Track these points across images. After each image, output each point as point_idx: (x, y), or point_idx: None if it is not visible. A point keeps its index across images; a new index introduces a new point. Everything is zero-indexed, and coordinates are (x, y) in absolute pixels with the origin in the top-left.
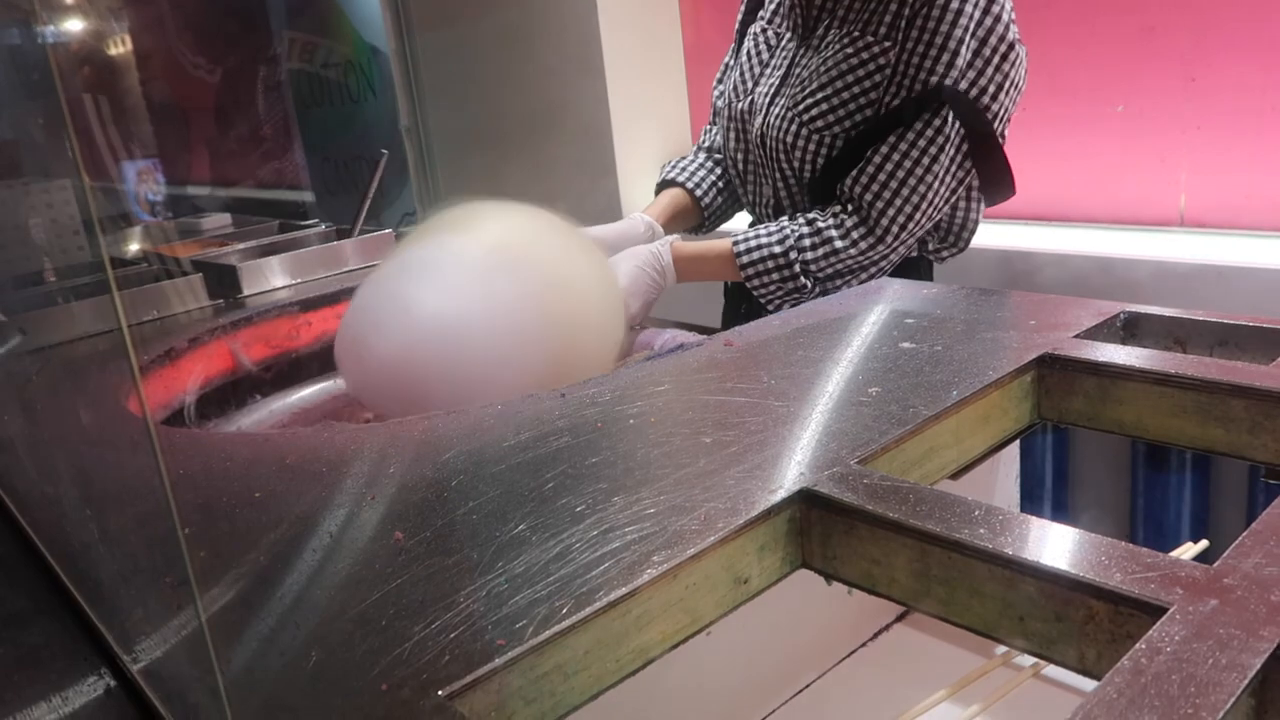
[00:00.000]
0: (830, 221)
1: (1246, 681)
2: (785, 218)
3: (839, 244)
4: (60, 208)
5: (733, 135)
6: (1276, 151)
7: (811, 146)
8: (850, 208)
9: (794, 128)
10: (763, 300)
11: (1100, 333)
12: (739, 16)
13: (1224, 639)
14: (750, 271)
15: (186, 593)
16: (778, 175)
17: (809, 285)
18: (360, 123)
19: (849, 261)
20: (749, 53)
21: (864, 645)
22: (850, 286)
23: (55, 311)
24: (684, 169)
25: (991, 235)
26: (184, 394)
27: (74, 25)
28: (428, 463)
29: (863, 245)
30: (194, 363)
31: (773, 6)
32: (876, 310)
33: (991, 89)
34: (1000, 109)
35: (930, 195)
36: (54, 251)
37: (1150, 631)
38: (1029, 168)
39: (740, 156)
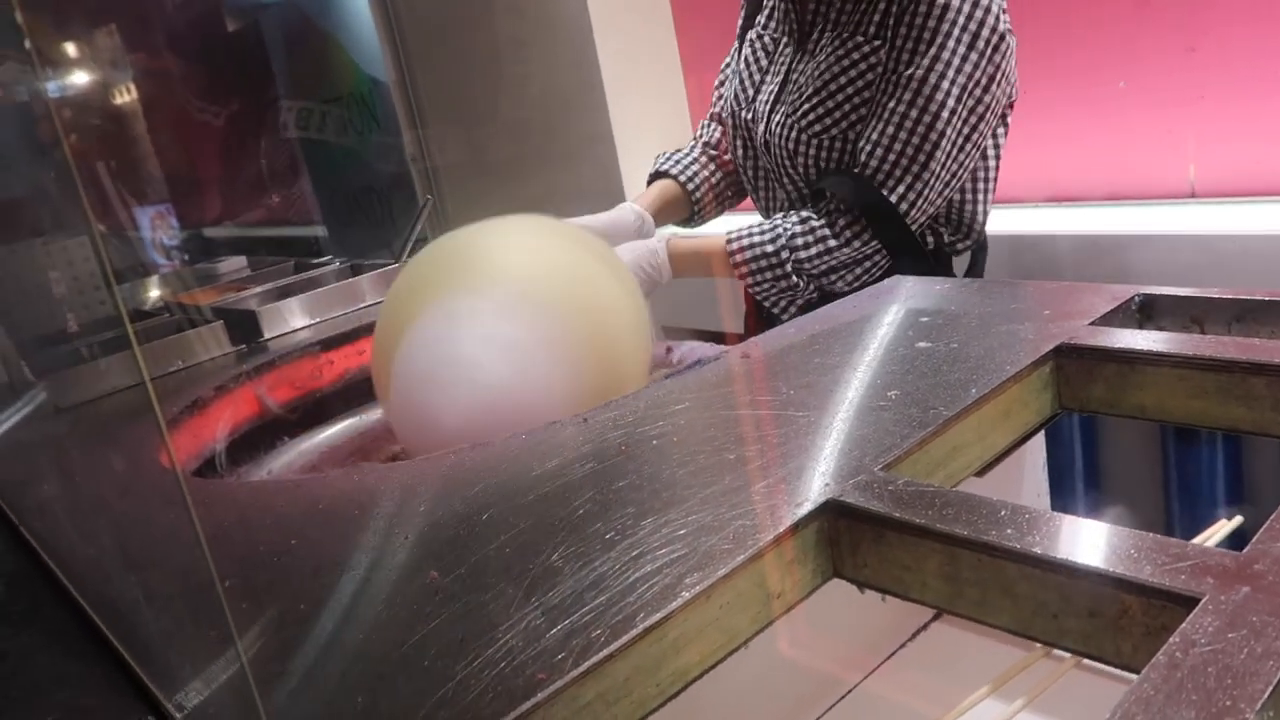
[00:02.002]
0: (824, 220)
1: None
2: (780, 215)
3: (832, 242)
4: (80, 264)
5: (740, 144)
6: None
7: (813, 151)
8: (844, 206)
9: (794, 134)
10: (758, 297)
11: (1116, 318)
12: (740, 21)
13: (1258, 627)
14: (745, 270)
15: (230, 643)
16: (787, 180)
17: (801, 284)
18: (366, 154)
19: (843, 257)
20: (748, 59)
21: (904, 646)
22: (845, 281)
23: (82, 370)
24: (678, 161)
25: (1002, 221)
26: (214, 442)
27: (77, 78)
28: (457, 498)
29: (856, 243)
30: (221, 410)
31: (768, 11)
32: (890, 311)
33: (984, 80)
34: (992, 100)
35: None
36: (76, 308)
37: (1183, 624)
38: (1035, 151)
39: (749, 164)
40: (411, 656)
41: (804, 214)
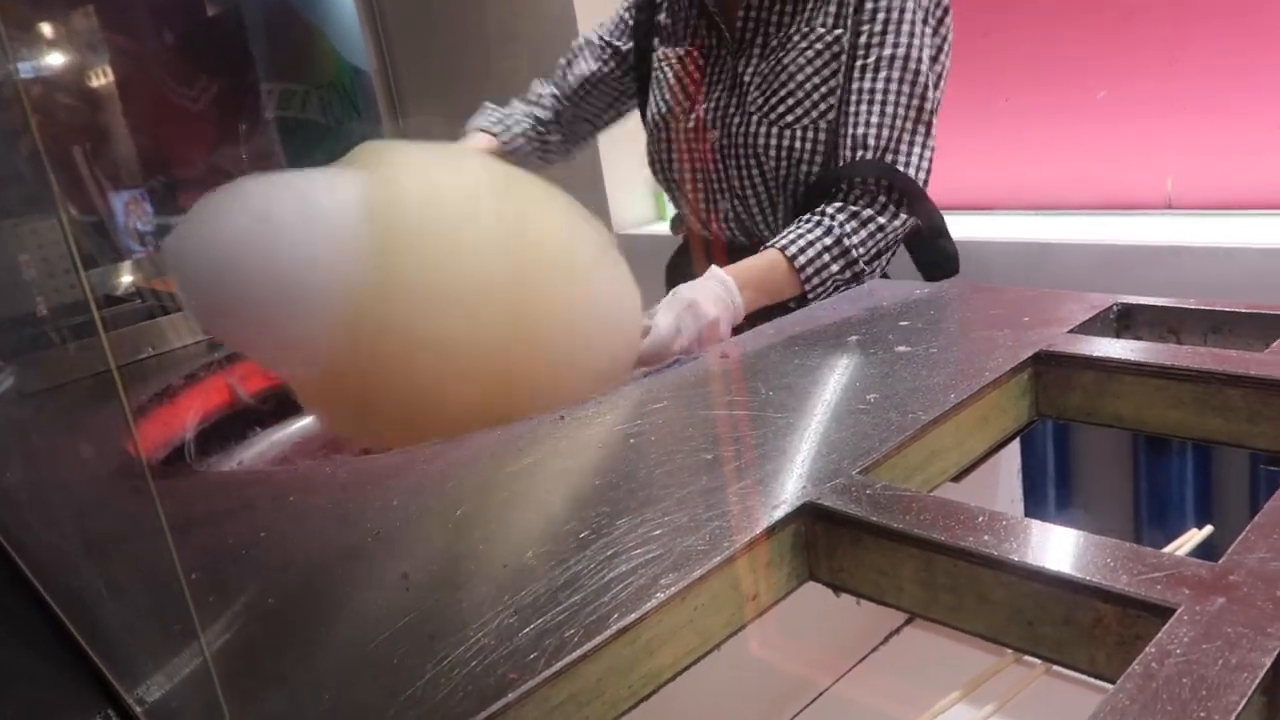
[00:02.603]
0: (863, 202)
1: (1258, 681)
2: (815, 212)
3: (882, 219)
4: (51, 247)
5: (675, 156)
6: (1259, 131)
7: (785, 143)
8: (875, 187)
9: (764, 129)
10: (820, 300)
11: (1094, 326)
12: (626, 42)
13: (1232, 638)
14: (810, 270)
15: (194, 637)
16: (746, 184)
17: (865, 270)
18: (346, 144)
19: (890, 236)
20: (666, 76)
21: (876, 649)
22: (884, 263)
23: (48, 354)
24: (508, 128)
25: (980, 227)
26: (184, 431)
27: (51, 58)
28: (431, 494)
29: (903, 215)
30: (192, 399)
31: (670, 33)
32: (870, 314)
33: (933, 51)
34: (941, 69)
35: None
36: (47, 291)
37: (1159, 634)
38: (1014, 159)
39: (687, 176)
40: (381, 653)
41: (834, 205)
